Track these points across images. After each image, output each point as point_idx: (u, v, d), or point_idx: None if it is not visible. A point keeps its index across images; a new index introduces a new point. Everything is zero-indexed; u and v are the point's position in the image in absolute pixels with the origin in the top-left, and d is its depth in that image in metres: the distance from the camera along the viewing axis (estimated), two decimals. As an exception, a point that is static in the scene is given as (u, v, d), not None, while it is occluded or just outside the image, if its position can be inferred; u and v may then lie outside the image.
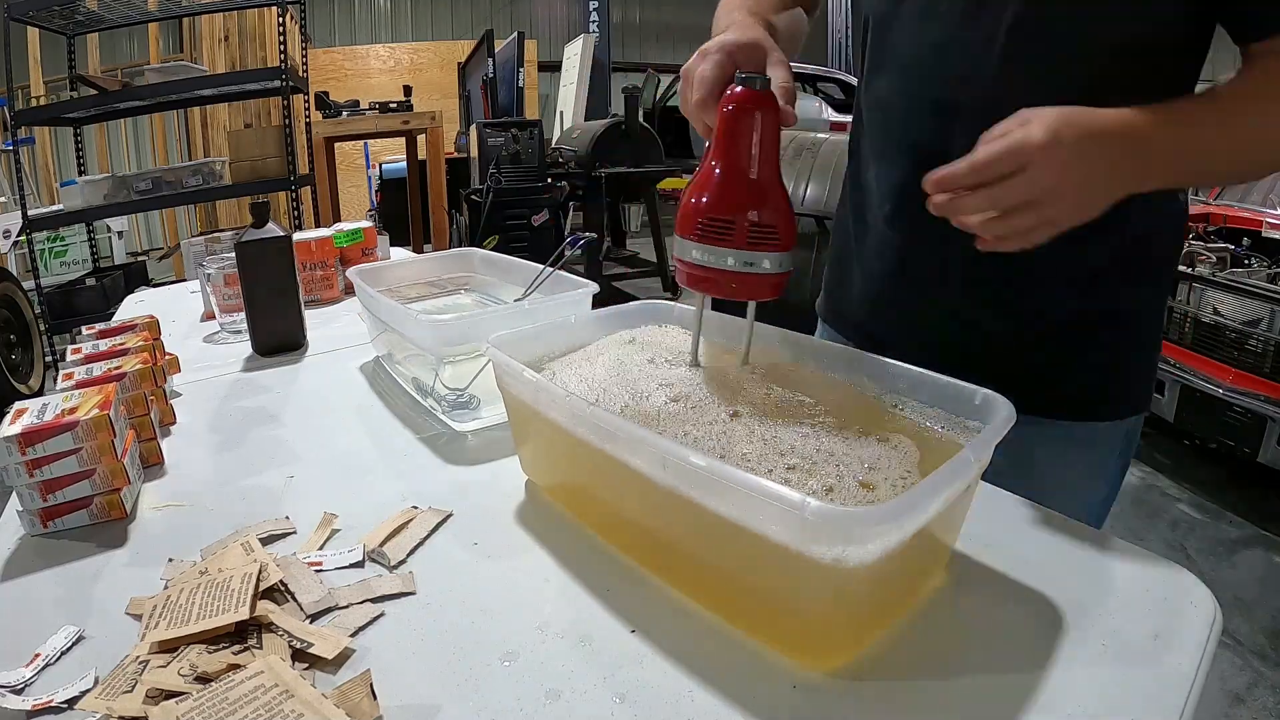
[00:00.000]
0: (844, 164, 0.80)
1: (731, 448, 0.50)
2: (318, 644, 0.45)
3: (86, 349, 0.82)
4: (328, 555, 0.56)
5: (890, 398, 0.57)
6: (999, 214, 0.51)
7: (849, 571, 0.40)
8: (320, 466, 0.71)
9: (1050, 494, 0.62)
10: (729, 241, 0.54)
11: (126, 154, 6.79)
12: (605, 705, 0.42)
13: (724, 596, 0.48)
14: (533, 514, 0.62)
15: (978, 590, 0.51)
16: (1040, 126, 0.50)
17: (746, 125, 0.53)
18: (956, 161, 0.51)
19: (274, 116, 5.31)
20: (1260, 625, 1.79)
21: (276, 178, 3.41)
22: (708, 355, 0.65)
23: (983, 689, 0.42)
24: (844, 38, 8.33)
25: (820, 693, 0.42)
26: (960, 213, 0.52)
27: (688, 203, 0.56)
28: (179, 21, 5.93)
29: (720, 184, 0.54)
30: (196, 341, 1.12)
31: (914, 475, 0.47)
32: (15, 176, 3.60)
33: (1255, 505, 2.28)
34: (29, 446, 0.58)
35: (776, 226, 0.55)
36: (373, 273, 1.03)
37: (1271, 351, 2.22)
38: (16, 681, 0.44)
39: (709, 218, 0.54)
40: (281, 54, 3.55)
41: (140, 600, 0.51)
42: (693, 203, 0.55)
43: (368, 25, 8.82)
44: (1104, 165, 0.52)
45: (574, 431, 0.53)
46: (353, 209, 6.22)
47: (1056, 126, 0.50)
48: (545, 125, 4.28)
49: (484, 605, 0.50)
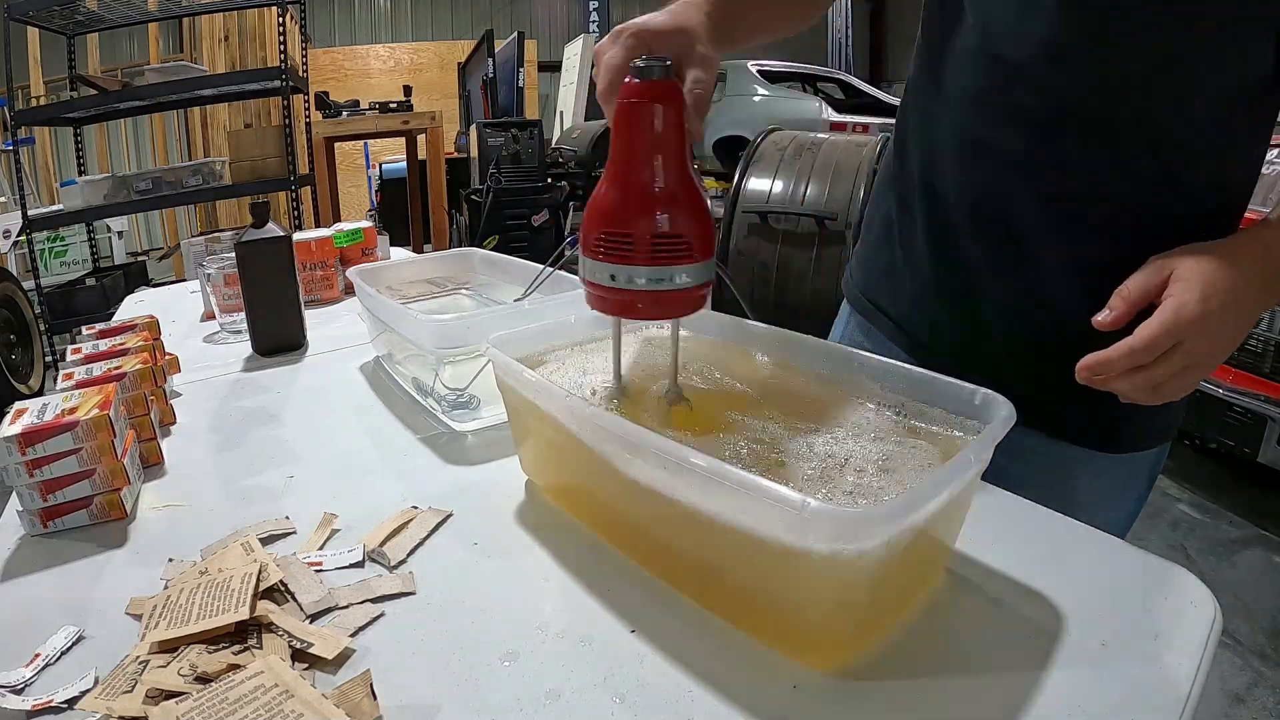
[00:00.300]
0: (845, 164, 0.79)
1: (731, 448, 0.50)
2: (318, 644, 0.45)
3: (86, 349, 0.82)
4: (328, 555, 0.56)
5: (891, 397, 0.57)
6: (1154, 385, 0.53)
7: (849, 571, 0.40)
8: (320, 466, 0.71)
9: (1083, 514, 0.60)
10: (632, 258, 0.48)
11: (126, 154, 6.79)
12: (605, 705, 0.42)
13: (724, 596, 0.48)
14: (533, 514, 0.62)
15: (978, 590, 0.51)
16: (1191, 298, 0.50)
17: (644, 121, 0.47)
18: (1112, 349, 0.51)
19: (274, 116, 5.30)
20: (1260, 625, 1.79)
21: (276, 178, 3.41)
22: (706, 356, 0.64)
23: (983, 689, 0.42)
24: (844, 37, 8.33)
25: (820, 693, 0.42)
26: (1114, 388, 0.53)
27: (588, 215, 0.50)
28: (179, 21, 5.93)
29: (618, 193, 0.48)
30: (196, 341, 1.12)
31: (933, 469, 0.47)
32: (15, 176, 3.60)
33: (1255, 505, 2.28)
34: (29, 446, 0.58)
35: (687, 236, 0.48)
36: (373, 273, 1.03)
37: (1271, 351, 2.22)
38: (16, 681, 0.44)
39: (606, 232, 0.48)
40: (281, 54, 3.55)
41: (140, 600, 0.51)
42: (592, 215, 0.49)
43: (368, 25, 8.83)
44: (1252, 312, 0.54)
45: (574, 431, 0.53)
46: (353, 209, 6.23)
47: (1205, 294, 0.50)
48: (545, 125, 4.28)
49: (484, 605, 0.50)
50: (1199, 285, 0.51)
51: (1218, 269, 0.52)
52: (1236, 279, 0.52)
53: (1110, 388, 0.54)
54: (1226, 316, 0.51)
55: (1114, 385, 0.53)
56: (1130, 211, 0.60)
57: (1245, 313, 0.53)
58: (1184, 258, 0.53)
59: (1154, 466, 0.71)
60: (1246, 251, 0.54)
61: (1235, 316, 0.52)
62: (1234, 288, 0.51)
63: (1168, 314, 0.51)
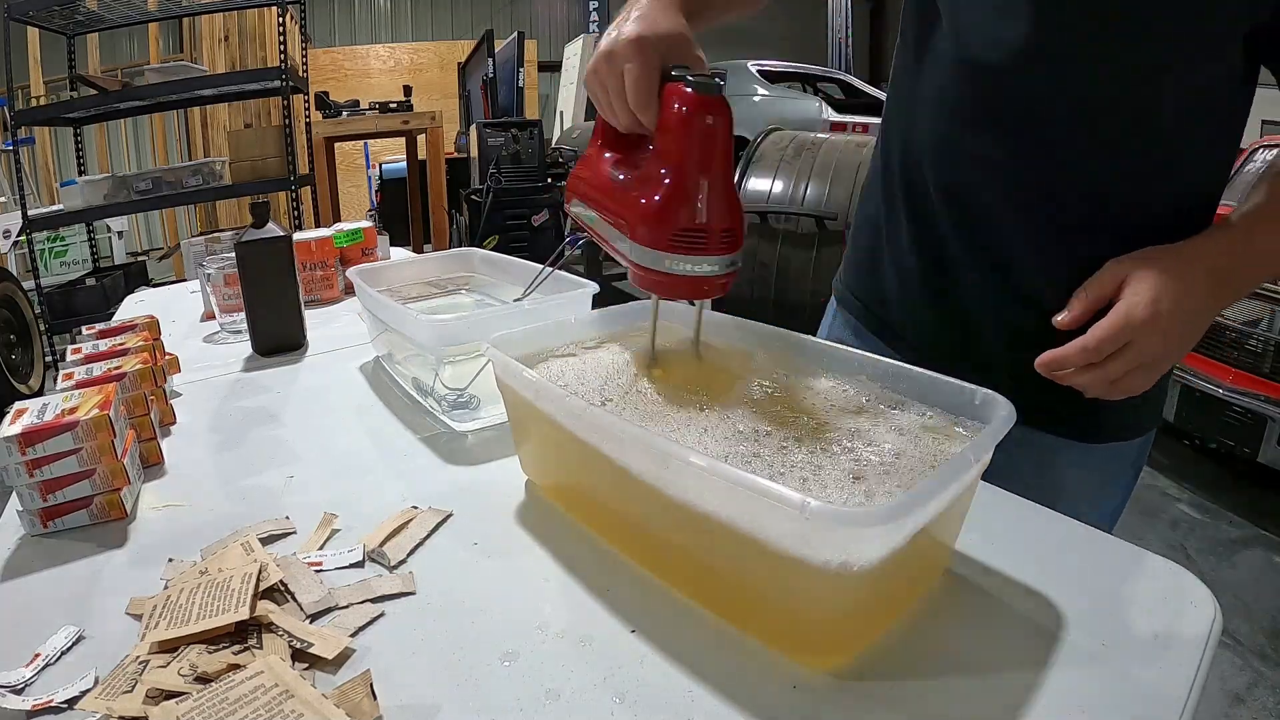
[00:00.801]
0: (845, 164, 0.81)
1: (731, 447, 0.50)
2: (318, 644, 0.45)
3: (86, 349, 0.82)
4: (328, 555, 0.56)
5: (891, 397, 0.57)
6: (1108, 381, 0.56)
7: (849, 571, 0.40)
8: (320, 466, 0.71)
9: (1069, 505, 0.61)
10: (704, 249, 0.54)
11: (126, 154, 6.79)
12: (605, 705, 0.42)
13: (724, 596, 0.48)
14: (533, 514, 0.62)
15: (978, 590, 0.51)
16: (1141, 299, 0.54)
17: (712, 131, 0.53)
18: (1067, 347, 0.56)
19: (274, 116, 5.31)
20: (1260, 625, 1.79)
21: (276, 178, 3.41)
22: (708, 353, 0.65)
23: (983, 689, 0.42)
24: (844, 37, 8.32)
25: (820, 693, 0.42)
26: (1073, 383, 0.57)
27: (652, 211, 0.54)
28: (179, 21, 5.94)
29: (691, 193, 0.54)
30: (196, 341, 1.12)
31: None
32: (15, 176, 3.60)
33: (1255, 505, 2.28)
34: (29, 446, 0.58)
35: (737, 228, 0.56)
36: (373, 273, 1.03)
37: (1271, 351, 2.22)
38: (16, 681, 0.44)
39: (685, 230, 0.54)
40: (281, 54, 3.56)
41: (140, 600, 0.51)
42: (660, 212, 0.54)
43: (368, 25, 8.83)
44: (1204, 312, 0.56)
45: (574, 431, 0.53)
46: (353, 209, 6.23)
47: (1155, 297, 0.53)
48: (545, 125, 4.29)
49: (484, 605, 0.50)
50: (1150, 288, 0.54)
51: (1170, 271, 0.54)
52: (1188, 281, 0.54)
53: (1069, 383, 0.57)
54: (1177, 317, 0.54)
55: (1072, 380, 0.57)
56: (1104, 210, 0.62)
57: (1197, 313, 0.56)
58: (1139, 260, 0.56)
59: (1139, 456, 0.73)
60: (1201, 253, 0.56)
61: (1186, 317, 0.55)
62: (1185, 290, 0.54)
63: (1118, 316, 0.54)
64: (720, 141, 0.53)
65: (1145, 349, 0.54)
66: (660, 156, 0.54)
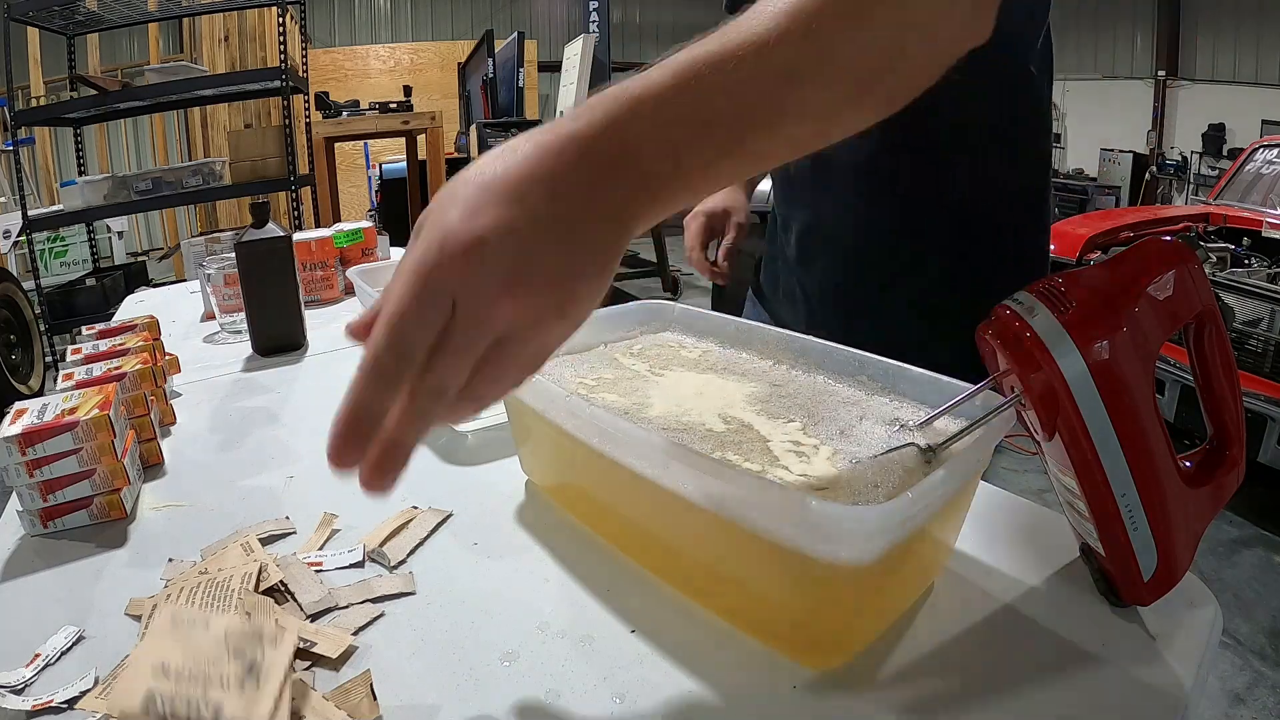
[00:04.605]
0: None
1: (731, 447, 0.50)
2: (321, 643, 0.45)
3: (86, 349, 0.82)
4: (328, 555, 0.56)
5: (891, 396, 0.57)
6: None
7: (849, 570, 0.40)
8: (320, 466, 0.70)
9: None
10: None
11: (126, 154, 6.79)
12: (605, 705, 0.42)
13: (724, 596, 0.48)
14: (533, 514, 0.62)
15: (978, 590, 0.51)
16: (425, 242, 0.32)
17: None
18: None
19: (274, 116, 5.31)
20: (1260, 625, 1.79)
21: (276, 178, 3.41)
22: (711, 357, 0.65)
23: (982, 689, 0.42)
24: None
25: (820, 693, 0.42)
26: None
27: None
28: (179, 21, 5.94)
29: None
30: (196, 341, 1.12)
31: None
32: (15, 176, 3.61)
33: (1255, 505, 2.28)
34: (29, 447, 0.58)
35: None
36: (373, 273, 1.03)
37: (1271, 351, 2.22)
38: (16, 681, 0.44)
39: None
40: (281, 54, 3.56)
41: (140, 600, 0.51)
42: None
43: (368, 25, 8.83)
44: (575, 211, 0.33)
45: (573, 431, 0.53)
46: (353, 209, 6.22)
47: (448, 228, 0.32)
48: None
49: (484, 605, 0.50)
50: (436, 224, 0.33)
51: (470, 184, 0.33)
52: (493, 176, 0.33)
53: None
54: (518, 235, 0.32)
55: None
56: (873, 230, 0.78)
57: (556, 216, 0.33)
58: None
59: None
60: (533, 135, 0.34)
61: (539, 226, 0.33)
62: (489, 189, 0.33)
63: (385, 295, 0.34)
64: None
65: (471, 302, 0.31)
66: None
